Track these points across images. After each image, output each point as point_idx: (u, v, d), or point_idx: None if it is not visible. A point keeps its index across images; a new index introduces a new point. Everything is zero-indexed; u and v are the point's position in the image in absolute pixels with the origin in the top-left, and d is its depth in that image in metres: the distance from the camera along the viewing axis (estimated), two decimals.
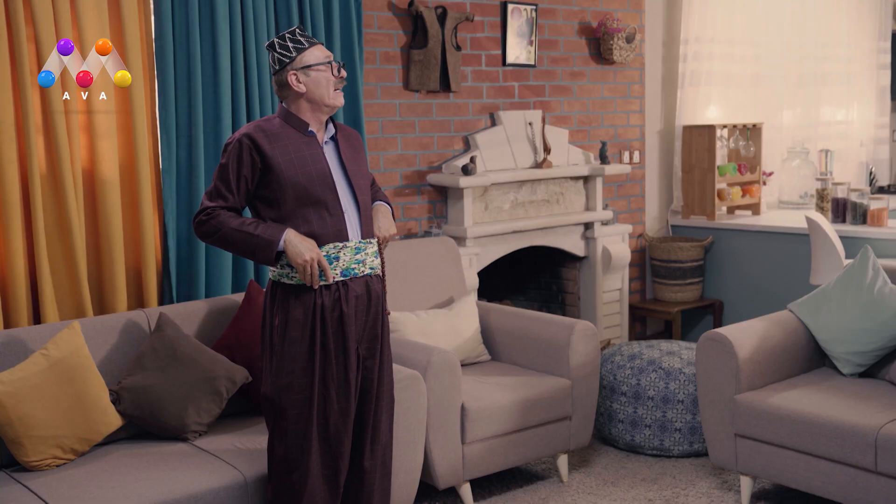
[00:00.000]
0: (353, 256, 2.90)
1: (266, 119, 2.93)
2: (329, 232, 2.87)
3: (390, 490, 3.12)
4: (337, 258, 2.87)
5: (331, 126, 2.99)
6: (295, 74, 2.86)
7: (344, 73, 2.92)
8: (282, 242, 2.80)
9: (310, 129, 2.91)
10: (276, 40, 2.88)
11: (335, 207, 2.88)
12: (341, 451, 2.92)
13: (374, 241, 2.99)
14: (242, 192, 2.85)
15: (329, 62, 2.88)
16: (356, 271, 2.91)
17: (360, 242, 2.93)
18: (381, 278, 3.02)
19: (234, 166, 2.83)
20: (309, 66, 2.86)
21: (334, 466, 2.93)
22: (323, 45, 2.95)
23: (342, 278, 2.88)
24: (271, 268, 2.91)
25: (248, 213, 3.00)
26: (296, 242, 2.79)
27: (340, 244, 2.88)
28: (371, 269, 2.96)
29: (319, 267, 2.81)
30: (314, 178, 2.85)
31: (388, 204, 3.17)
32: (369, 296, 2.95)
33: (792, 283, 5.37)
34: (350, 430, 2.94)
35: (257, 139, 2.83)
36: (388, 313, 3.05)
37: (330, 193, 2.88)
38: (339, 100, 2.92)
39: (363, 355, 2.96)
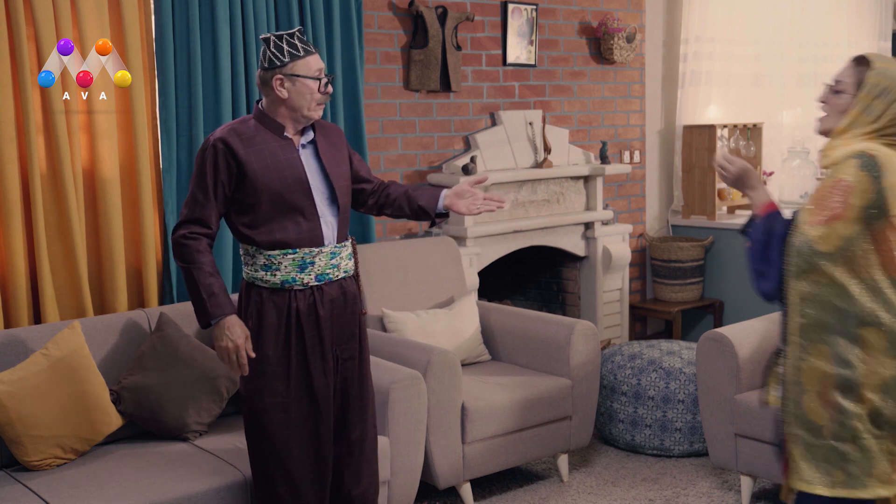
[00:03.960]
0: (329, 261, 2.87)
1: (241, 120, 2.87)
2: (304, 238, 2.83)
3: (378, 478, 3.09)
4: (312, 263, 2.84)
5: (309, 131, 2.91)
6: (280, 79, 2.79)
7: (330, 90, 2.85)
8: (214, 321, 2.76)
9: (285, 132, 2.85)
10: (272, 37, 2.80)
11: (311, 213, 2.84)
12: (322, 454, 2.89)
13: (349, 243, 2.96)
14: (220, 198, 2.79)
15: (318, 78, 2.81)
16: (331, 276, 2.88)
17: (335, 247, 2.89)
18: (356, 279, 3.00)
19: (211, 173, 2.77)
20: (297, 76, 2.79)
21: (317, 469, 2.89)
22: (319, 55, 2.88)
23: (316, 283, 2.86)
24: (245, 268, 2.88)
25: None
26: (226, 327, 2.74)
27: (315, 249, 2.85)
28: (345, 272, 2.93)
29: (238, 356, 2.76)
30: (290, 183, 2.80)
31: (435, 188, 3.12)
32: (345, 298, 2.92)
33: None
34: (330, 431, 2.90)
35: (231, 143, 2.77)
36: (365, 313, 3.02)
37: (306, 199, 2.83)
38: (317, 113, 2.86)
39: (342, 357, 2.93)
